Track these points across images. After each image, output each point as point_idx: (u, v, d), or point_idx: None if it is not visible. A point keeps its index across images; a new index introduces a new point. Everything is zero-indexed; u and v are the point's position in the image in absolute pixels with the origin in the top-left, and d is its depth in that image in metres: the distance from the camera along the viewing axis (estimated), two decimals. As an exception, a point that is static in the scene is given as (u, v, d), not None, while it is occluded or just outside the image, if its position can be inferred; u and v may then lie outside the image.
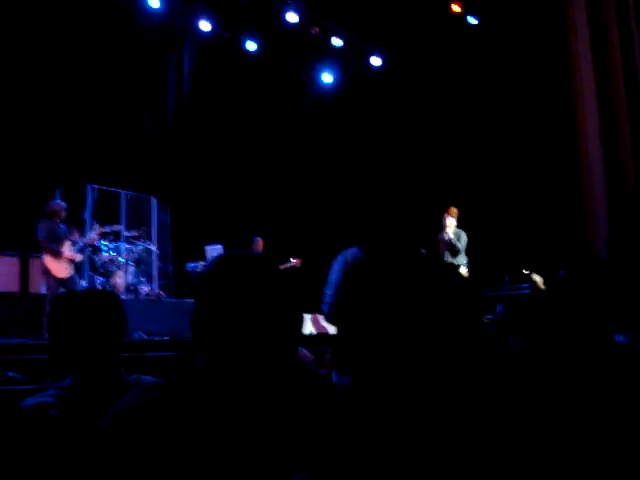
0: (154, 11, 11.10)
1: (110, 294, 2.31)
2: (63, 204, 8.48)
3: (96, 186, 9.98)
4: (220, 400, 1.29)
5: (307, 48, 12.32)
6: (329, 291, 3.64)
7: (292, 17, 11.66)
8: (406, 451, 1.31)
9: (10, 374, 3.09)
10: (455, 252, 8.65)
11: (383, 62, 12.66)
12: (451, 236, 8.63)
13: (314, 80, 13.11)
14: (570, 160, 9.64)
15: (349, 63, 12.66)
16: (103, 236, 9.48)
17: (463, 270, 8.22)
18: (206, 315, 1.39)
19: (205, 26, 11.76)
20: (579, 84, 9.33)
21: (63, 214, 8.35)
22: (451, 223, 8.76)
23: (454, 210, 8.87)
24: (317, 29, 12.00)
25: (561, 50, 9.60)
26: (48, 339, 2.17)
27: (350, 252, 3.54)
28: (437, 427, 1.37)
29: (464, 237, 8.72)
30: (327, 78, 13.08)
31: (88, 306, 2.08)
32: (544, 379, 1.63)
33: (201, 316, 1.40)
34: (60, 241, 8.14)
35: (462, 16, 11.29)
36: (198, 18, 11.70)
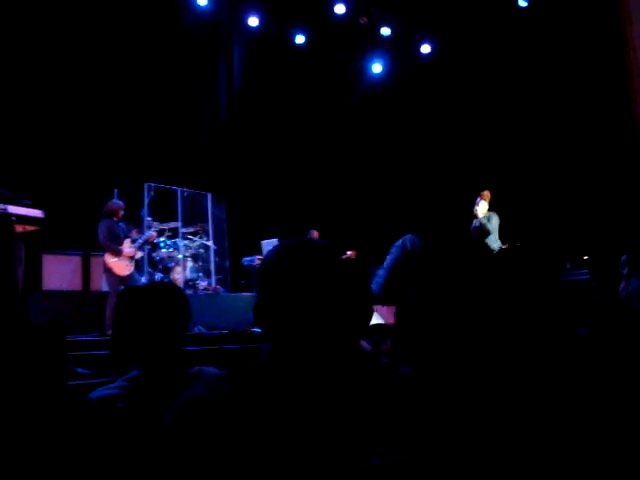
0: (202, 9, 11.19)
1: (174, 287, 2.36)
2: (121, 203, 8.67)
3: (153, 184, 10.15)
4: (284, 390, 1.29)
5: (356, 39, 12.26)
6: (382, 272, 3.62)
7: (340, 8, 11.63)
8: (471, 438, 1.31)
9: (78, 369, 3.18)
10: (485, 234, 8.50)
11: (433, 49, 12.51)
12: (480, 216, 8.53)
13: (364, 70, 13.04)
14: (628, 146, 9.39)
15: (398, 52, 12.55)
16: (161, 233, 9.65)
17: None
18: (268, 303, 1.37)
19: (253, 21, 11.81)
20: (635, 71, 9.06)
21: (121, 213, 8.54)
22: (483, 206, 8.65)
23: (487, 193, 8.74)
24: (365, 19, 11.94)
25: (615, 36, 9.34)
26: (113, 333, 2.22)
27: (408, 238, 3.52)
28: (499, 415, 1.37)
29: (495, 219, 8.58)
30: (377, 68, 13.00)
31: (153, 299, 2.12)
32: (605, 365, 1.61)
33: (264, 304, 1.38)
34: (119, 240, 8.33)
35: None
36: (246, 14, 11.75)
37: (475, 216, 8.66)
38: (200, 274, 10.26)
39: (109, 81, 10.27)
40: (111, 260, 8.20)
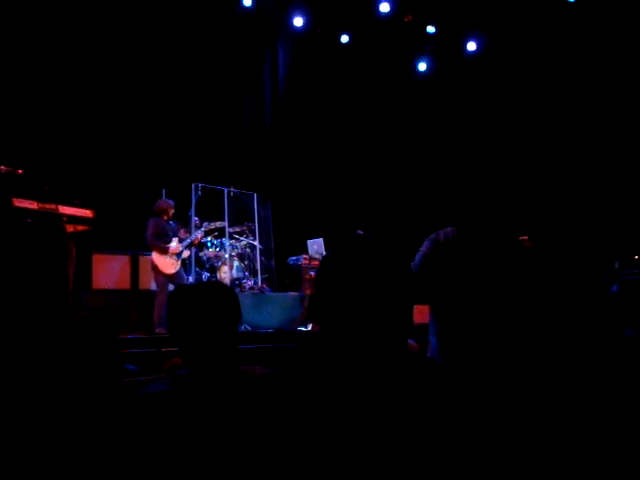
0: (247, 10, 11.26)
1: (226, 286, 2.38)
2: (171, 202, 8.78)
3: (200, 184, 10.26)
4: (333, 387, 1.30)
5: (401, 37, 12.19)
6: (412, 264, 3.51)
7: (384, 7, 11.60)
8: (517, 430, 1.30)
9: (129, 367, 3.23)
10: None
11: (479, 46, 12.37)
12: None
13: (409, 69, 12.97)
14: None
15: (444, 49, 12.45)
16: (209, 233, 9.75)
17: None
18: (323, 298, 1.39)
19: (298, 22, 11.86)
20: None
21: (171, 212, 8.66)
22: None
23: None
24: (410, 17, 11.88)
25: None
26: (169, 332, 2.24)
27: (442, 233, 3.41)
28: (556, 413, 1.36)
29: None
30: (422, 66, 12.92)
31: (205, 298, 2.15)
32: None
33: (319, 299, 1.40)
34: (167, 238, 8.45)
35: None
36: (290, 14, 11.80)
37: None
38: (246, 273, 10.33)
39: (158, 82, 10.41)
40: (157, 258, 8.32)
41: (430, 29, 12.04)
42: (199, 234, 9.08)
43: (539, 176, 11.08)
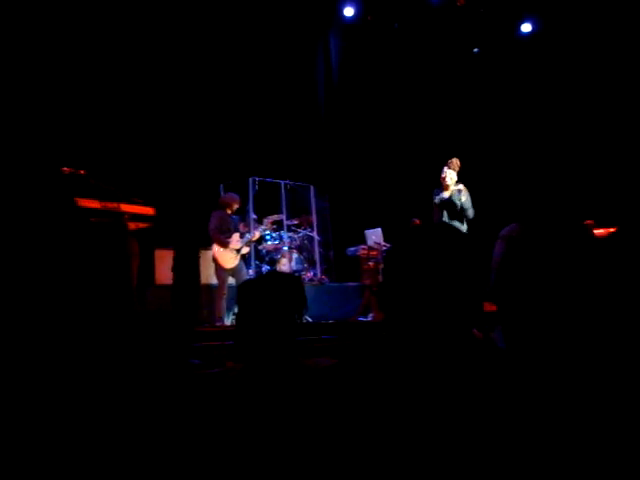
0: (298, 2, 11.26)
1: (293, 276, 2.38)
2: (236, 196, 8.85)
3: (257, 178, 10.33)
4: (399, 376, 1.29)
5: (454, 21, 12.02)
6: (492, 269, 3.48)
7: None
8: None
9: (192, 361, 3.28)
10: (457, 212, 7.73)
11: (534, 28, 12.12)
12: (452, 188, 7.79)
13: (463, 54, 12.77)
14: None
15: (498, 31, 12.22)
16: (267, 228, 9.81)
17: None
18: (391, 286, 1.39)
19: (348, 12, 11.82)
20: None
21: (235, 206, 8.74)
22: (452, 177, 7.89)
23: (456, 161, 8.00)
24: (463, 1, 11.70)
25: None
26: (236, 323, 2.26)
27: (509, 230, 3.35)
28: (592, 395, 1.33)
29: (466, 194, 7.77)
30: (476, 49, 12.71)
31: (274, 287, 2.15)
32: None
33: (387, 287, 1.40)
34: (229, 232, 8.53)
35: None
36: (341, 4, 11.77)
37: (445, 187, 7.87)
38: (305, 265, 10.37)
39: (214, 76, 10.50)
40: (218, 252, 8.42)
41: (483, 10, 11.85)
42: (258, 232, 9.14)
43: (594, 164, 10.81)
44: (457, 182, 7.94)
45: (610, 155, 10.85)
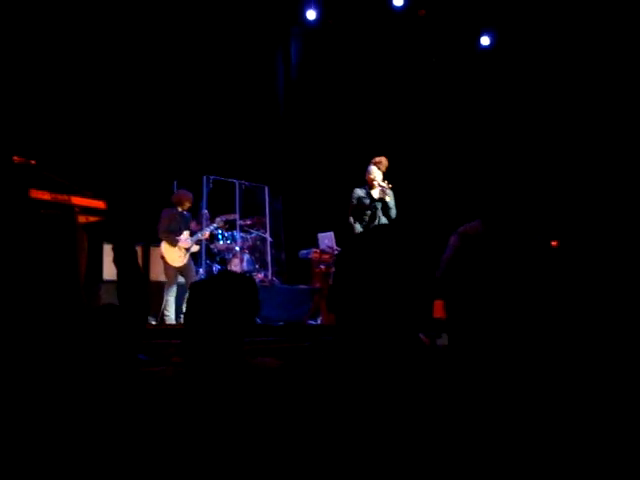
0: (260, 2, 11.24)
1: (247, 277, 2.37)
2: (188, 193, 8.78)
3: (211, 177, 10.27)
4: (344, 378, 1.30)
5: (413, 31, 12.14)
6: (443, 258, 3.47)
7: (398, 1, 11.57)
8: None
9: (140, 357, 3.25)
10: (385, 212, 7.75)
11: (492, 41, 12.31)
12: (381, 186, 7.77)
13: (421, 64, 12.89)
14: None
15: (456, 44, 12.36)
16: (219, 227, 9.75)
17: None
18: (339, 289, 1.39)
19: (311, 15, 11.85)
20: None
21: (187, 204, 8.67)
22: (379, 177, 7.84)
23: (384, 161, 7.97)
24: (424, 11, 11.83)
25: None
26: (185, 321, 2.24)
27: (469, 226, 3.36)
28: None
29: (391, 195, 7.83)
30: (434, 59, 12.84)
31: (227, 288, 2.14)
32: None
33: (336, 289, 1.40)
34: (179, 230, 8.47)
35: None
36: (304, 7, 11.78)
37: (372, 186, 7.83)
38: (257, 266, 10.35)
39: (168, 74, 10.41)
40: (166, 250, 8.36)
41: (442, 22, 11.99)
42: (209, 230, 9.08)
43: (566, 175, 11.02)
44: (383, 181, 7.88)
45: (564, 167, 11.08)
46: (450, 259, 3.07)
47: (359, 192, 7.92)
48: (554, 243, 8.93)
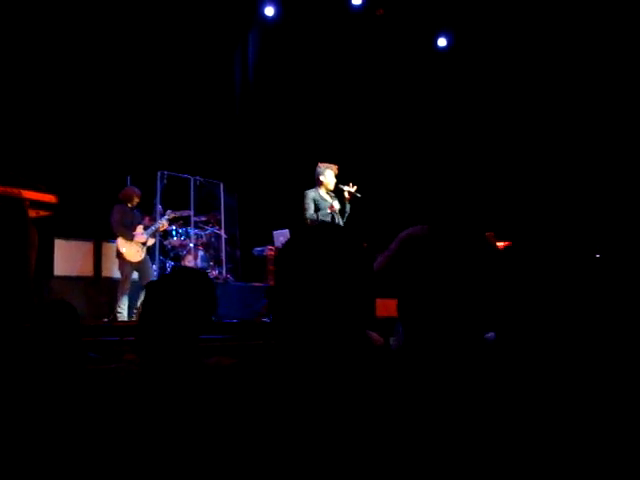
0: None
1: (202, 273, 2.35)
2: (137, 190, 8.71)
3: (166, 172, 10.18)
4: (293, 378, 1.30)
5: (371, 30, 12.20)
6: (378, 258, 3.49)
7: (356, 0, 11.64)
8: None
9: (90, 354, 3.21)
10: (341, 215, 7.75)
11: (449, 42, 12.45)
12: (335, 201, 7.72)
13: (380, 63, 12.96)
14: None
15: (414, 45, 12.47)
16: (173, 221, 9.67)
17: None
18: (280, 289, 1.37)
19: (269, 11, 11.82)
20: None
21: (136, 200, 8.58)
22: (331, 180, 7.80)
23: (334, 167, 7.93)
24: (382, 10, 11.90)
25: None
26: (140, 319, 2.22)
27: (413, 230, 3.39)
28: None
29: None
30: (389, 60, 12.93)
31: (184, 285, 2.12)
32: None
33: (276, 290, 1.39)
34: (132, 226, 8.38)
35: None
36: (262, 4, 11.75)
37: (328, 190, 7.80)
38: (211, 263, 10.29)
39: (124, 68, 10.29)
40: (123, 245, 8.25)
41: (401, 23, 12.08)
42: (163, 221, 8.99)
43: (511, 172, 11.21)
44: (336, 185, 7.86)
45: (514, 169, 11.27)
46: (383, 260, 3.10)
47: (312, 194, 7.81)
48: (490, 234, 9.04)
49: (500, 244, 8.57)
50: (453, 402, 1.32)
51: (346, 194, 7.82)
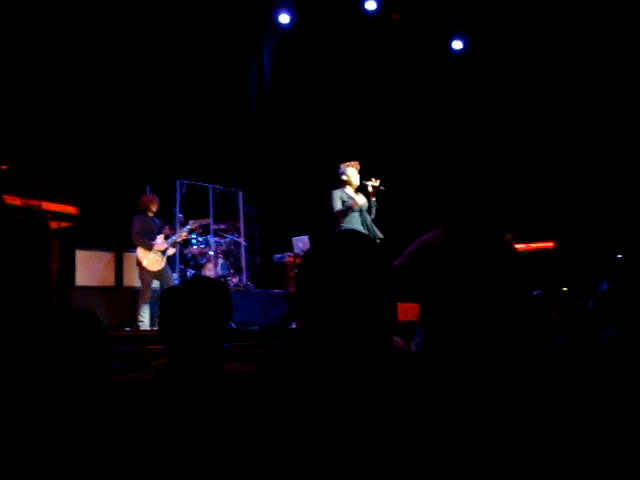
0: (234, 3, 11.21)
1: (219, 282, 2.36)
2: (155, 197, 8.74)
3: (185, 181, 10.23)
4: (317, 384, 1.29)
5: (386, 35, 12.19)
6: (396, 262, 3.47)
7: (371, 5, 11.65)
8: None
9: (115, 365, 3.23)
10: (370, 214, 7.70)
11: (465, 46, 12.41)
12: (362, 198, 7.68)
13: (396, 67, 12.94)
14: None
15: (430, 48, 12.44)
16: (193, 230, 9.70)
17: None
18: (304, 296, 1.38)
19: (284, 19, 11.87)
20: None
21: (155, 207, 8.61)
22: (355, 177, 7.74)
23: (357, 164, 7.85)
24: (397, 15, 11.90)
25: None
26: (159, 328, 2.23)
27: (432, 235, 3.38)
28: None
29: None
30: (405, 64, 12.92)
31: (199, 293, 2.13)
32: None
33: (299, 297, 1.39)
34: (152, 234, 8.42)
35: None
36: (277, 11, 11.80)
37: (356, 190, 7.76)
38: (231, 270, 10.31)
39: (143, 78, 10.36)
40: (143, 255, 8.29)
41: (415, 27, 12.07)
42: (184, 232, 9.03)
43: (527, 174, 11.16)
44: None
45: (534, 172, 11.22)
46: (402, 263, 3.09)
47: (343, 196, 7.77)
48: (508, 236, 8.95)
49: (522, 246, 8.53)
50: (480, 408, 1.32)
51: (370, 188, 7.80)
